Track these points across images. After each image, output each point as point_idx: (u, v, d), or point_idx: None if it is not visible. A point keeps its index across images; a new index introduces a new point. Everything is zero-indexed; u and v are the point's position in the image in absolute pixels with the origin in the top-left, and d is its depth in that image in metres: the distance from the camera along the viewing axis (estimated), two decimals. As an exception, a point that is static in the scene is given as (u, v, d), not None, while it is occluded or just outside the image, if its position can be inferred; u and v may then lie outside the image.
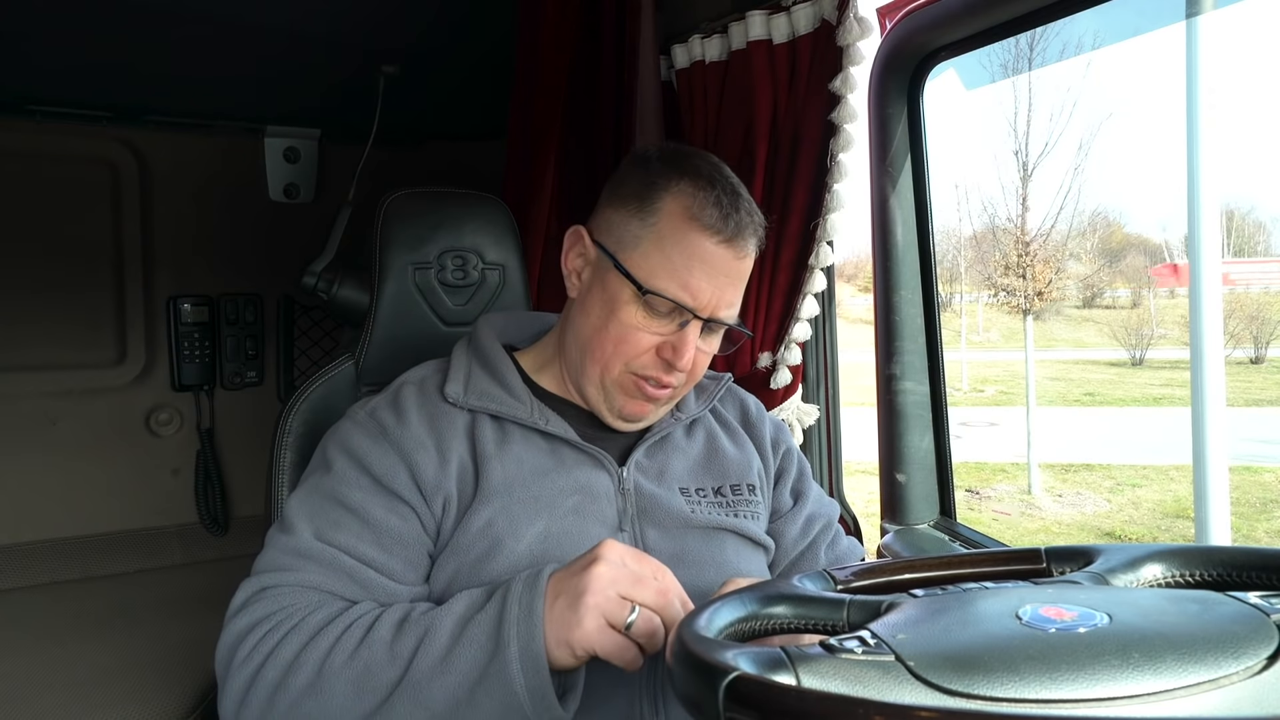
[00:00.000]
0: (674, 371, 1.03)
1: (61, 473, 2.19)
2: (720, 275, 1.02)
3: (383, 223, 1.29)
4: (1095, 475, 10.00)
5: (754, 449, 1.20)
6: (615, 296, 1.03)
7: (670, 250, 1.00)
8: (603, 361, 1.04)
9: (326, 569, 0.93)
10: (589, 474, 1.05)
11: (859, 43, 1.37)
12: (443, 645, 0.83)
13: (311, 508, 0.99)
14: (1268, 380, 14.15)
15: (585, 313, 1.06)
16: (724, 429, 1.20)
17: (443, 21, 1.82)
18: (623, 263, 1.02)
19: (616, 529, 1.03)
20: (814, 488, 1.24)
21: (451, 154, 2.53)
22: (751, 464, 1.17)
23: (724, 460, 1.15)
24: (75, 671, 1.76)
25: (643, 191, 1.03)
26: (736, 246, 1.02)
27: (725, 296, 1.03)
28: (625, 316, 1.02)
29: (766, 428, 1.24)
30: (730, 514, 1.10)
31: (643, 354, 1.03)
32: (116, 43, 1.77)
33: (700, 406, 1.18)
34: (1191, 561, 0.71)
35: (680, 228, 1.01)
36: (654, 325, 1.02)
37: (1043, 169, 13.09)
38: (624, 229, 1.04)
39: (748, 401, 1.27)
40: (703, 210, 1.00)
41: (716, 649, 0.55)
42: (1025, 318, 12.74)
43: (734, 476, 1.14)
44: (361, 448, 1.02)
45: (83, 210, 2.19)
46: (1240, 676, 0.50)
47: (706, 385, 1.21)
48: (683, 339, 1.02)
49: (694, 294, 1.01)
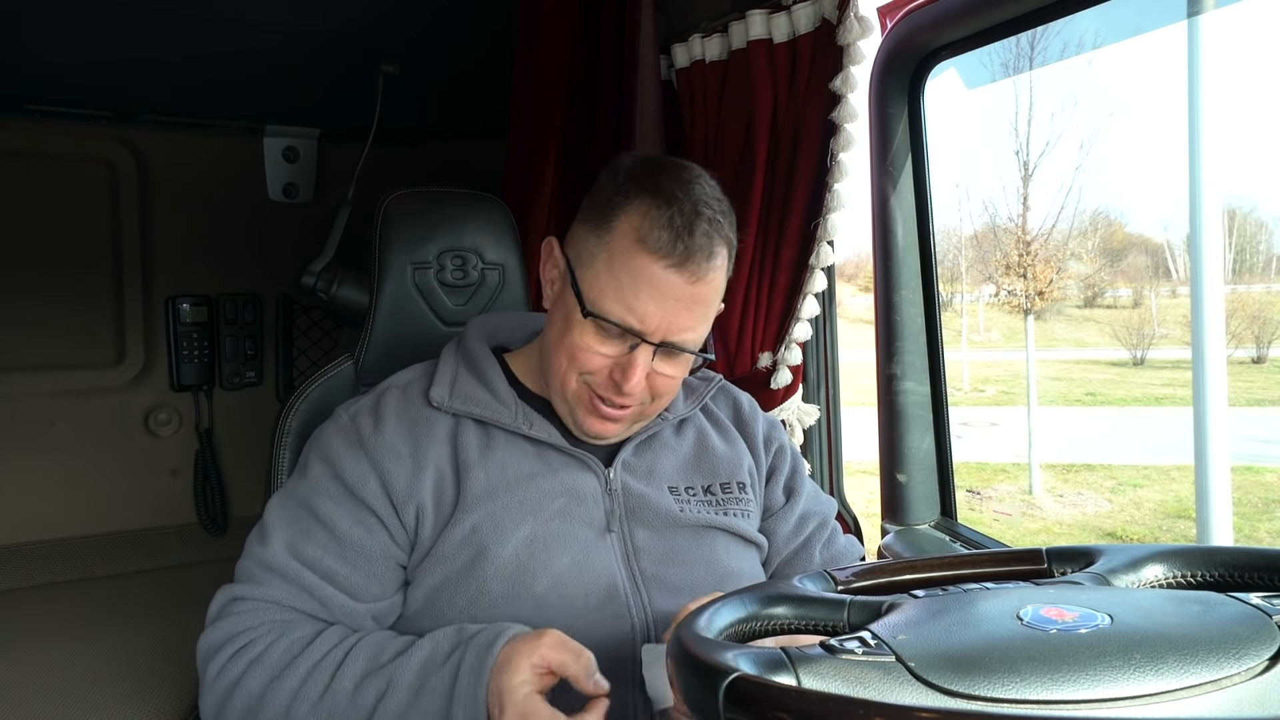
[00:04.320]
0: (623, 394, 1.00)
1: (60, 473, 2.19)
2: (670, 300, 0.97)
3: (382, 222, 1.29)
4: (1097, 475, 9.99)
5: (745, 446, 1.19)
6: (570, 313, 1.01)
7: (619, 272, 0.97)
8: (560, 374, 1.03)
9: (290, 585, 0.98)
10: (575, 476, 1.04)
11: (859, 42, 1.36)
12: (401, 703, 0.87)
13: (287, 514, 1.02)
14: (1270, 380, 14.14)
15: (551, 323, 1.06)
16: (715, 427, 1.19)
17: (442, 20, 1.82)
18: (577, 280, 1.00)
19: (604, 530, 1.03)
20: (808, 485, 1.23)
21: (451, 153, 2.53)
22: (742, 461, 1.16)
23: (714, 458, 1.14)
24: (74, 672, 1.75)
25: (604, 207, 1.01)
26: (688, 271, 0.97)
27: (679, 321, 0.99)
28: (576, 335, 1.00)
29: (759, 425, 1.23)
30: (720, 512, 1.09)
31: (595, 372, 1.01)
32: (115, 42, 1.76)
33: (689, 407, 1.17)
34: (1193, 562, 0.71)
35: (628, 249, 0.97)
36: (604, 347, 1.00)
37: (1044, 168, 13.10)
38: (584, 245, 1.02)
39: (740, 400, 1.26)
40: (651, 232, 0.96)
41: (716, 650, 0.55)
42: (1026, 317, 12.74)
43: (724, 474, 1.13)
44: (336, 453, 1.03)
45: (81, 210, 2.19)
46: (1242, 677, 0.50)
47: (696, 386, 1.20)
48: (631, 362, 0.99)
49: (640, 318, 0.97)
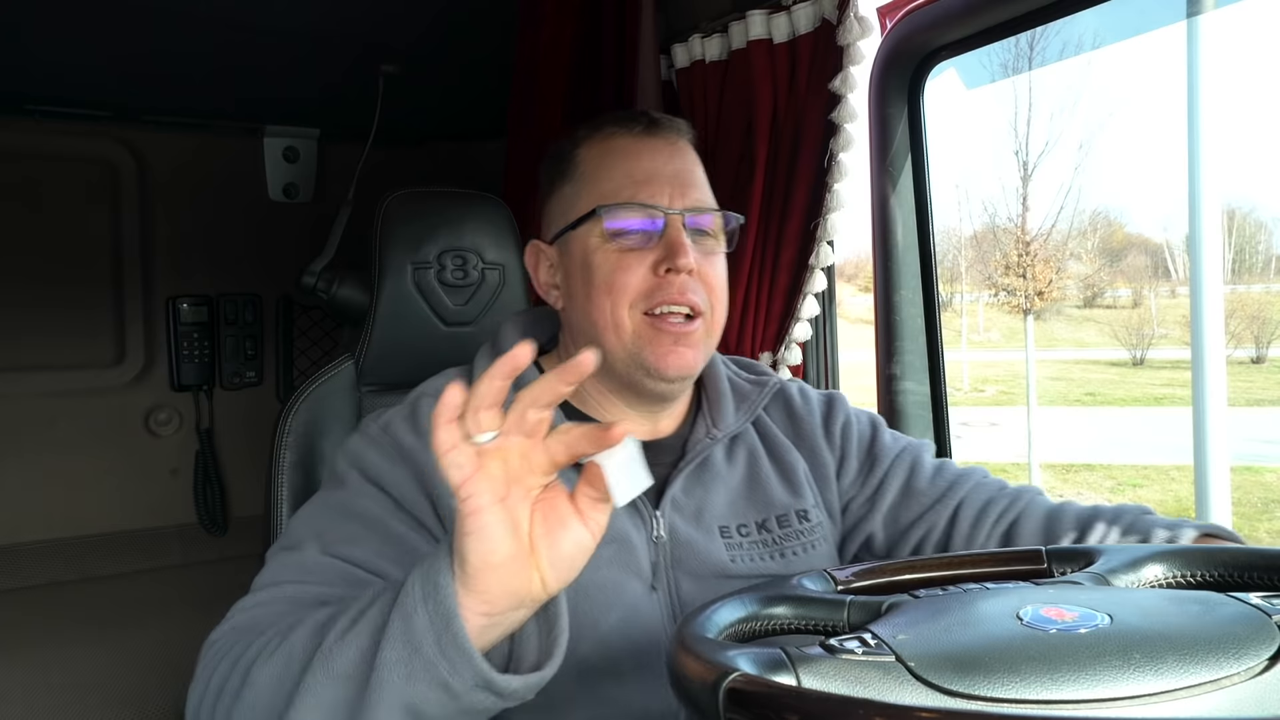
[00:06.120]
0: (681, 276, 0.93)
1: (60, 473, 2.19)
2: (661, 162, 0.96)
3: (382, 222, 1.29)
4: (1096, 475, 10.00)
5: (805, 451, 1.08)
6: (586, 254, 0.97)
7: (599, 175, 0.97)
8: (611, 318, 0.95)
9: (336, 581, 0.81)
10: (622, 521, 0.95)
11: (859, 42, 1.36)
12: (359, 607, 0.68)
13: (321, 524, 0.88)
14: (1269, 380, 14.14)
15: (573, 296, 1.00)
16: (768, 446, 1.08)
17: (443, 20, 1.81)
18: (572, 226, 0.98)
19: (650, 583, 0.94)
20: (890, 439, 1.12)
21: (451, 153, 2.53)
22: (802, 488, 1.05)
23: (767, 489, 1.04)
24: (74, 672, 1.75)
25: (559, 166, 1.02)
26: (661, 137, 0.97)
27: (683, 185, 0.96)
28: (602, 261, 0.95)
29: (814, 416, 1.11)
30: (775, 554, 1.00)
31: (643, 284, 0.94)
32: (115, 42, 1.76)
33: (741, 419, 1.06)
34: (1192, 562, 0.71)
35: (598, 152, 0.98)
36: (635, 258, 0.94)
37: (1043, 168, 13.10)
38: (560, 205, 1.01)
39: (790, 395, 1.13)
40: (610, 126, 0.98)
41: (716, 650, 0.55)
42: (1026, 317, 12.76)
43: (779, 506, 1.03)
44: (377, 467, 0.92)
45: (81, 210, 2.19)
46: (1241, 677, 0.50)
47: (748, 393, 1.09)
48: (670, 242, 0.93)
49: (648, 186, 0.95)
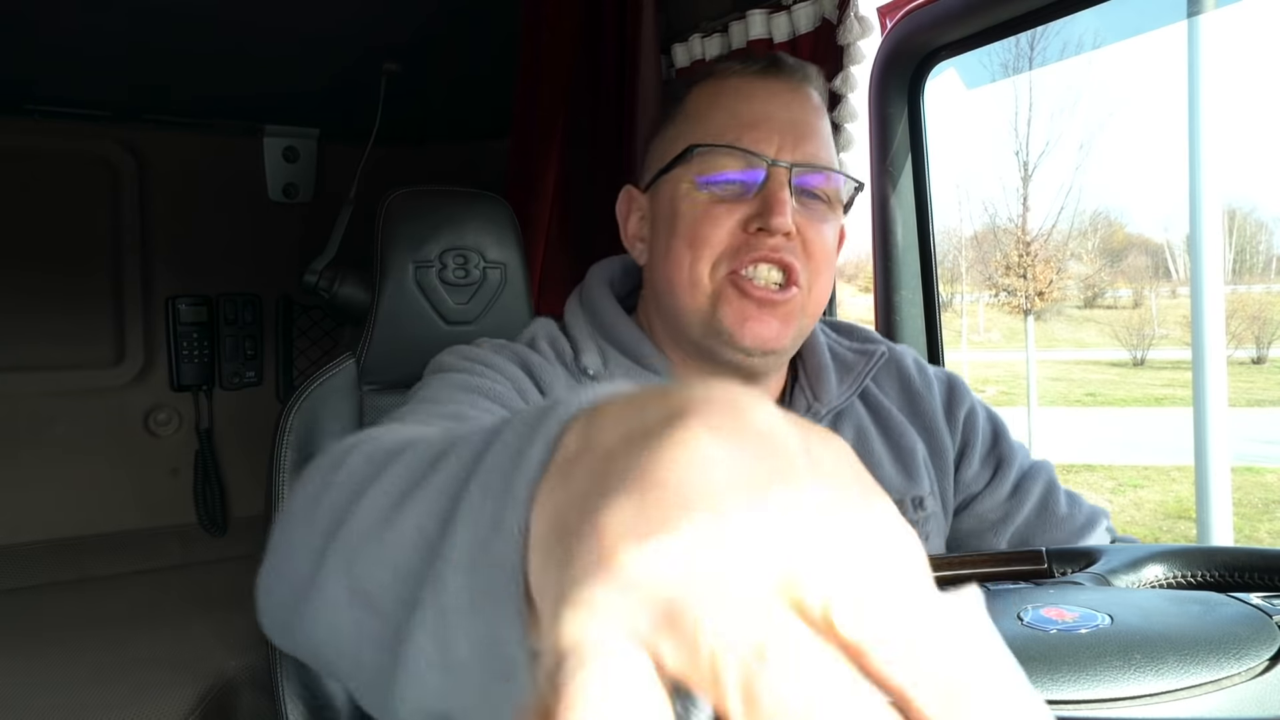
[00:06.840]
0: (775, 237, 0.79)
1: (59, 473, 2.19)
2: (777, 106, 0.81)
3: (384, 221, 1.29)
4: (1097, 476, 9.99)
5: (922, 430, 0.96)
6: (674, 201, 0.84)
7: (704, 115, 0.84)
8: (689, 275, 0.82)
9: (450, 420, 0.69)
10: None
11: (859, 42, 1.36)
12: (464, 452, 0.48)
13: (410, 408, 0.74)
14: (1270, 380, 14.14)
15: (655, 249, 0.88)
16: (878, 423, 0.95)
17: (445, 19, 1.82)
18: (668, 167, 0.86)
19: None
20: (1018, 448, 0.99)
21: (453, 153, 2.53)
22: (918, 471, 0.94)
23: (878, 472, 0.91)
24: (74, 672, 1.75)
25: (668, 108, 0.90)
26: (784, 76, 0.83)
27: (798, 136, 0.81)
28: (688, 210, 0.82)
29: (935, 392, 0.98)
30: None
31: (729, 240, 0.81)
32: (115, 42, 1.76)
33: (845, 391, 0.93)
34: (1193, 562, 0.71)
35: (710, 91, 0.85)
36: (724, 209, 0.81)
37: (1043, 168, 13.11)
38: (659, 148, 0.89)
39: (905, 365, 1.00)
40: (727, 65, 0.85)
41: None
42: (1026, 318, 12.76)
43: (892, 491, 0.91)
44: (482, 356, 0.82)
45: (80, 209, 2.19)
46: (1242, 678, 0.50)
47: (853, 363, 0.95)
48: (768, 196, 0.79)
49: (753, 134, 0.80)
